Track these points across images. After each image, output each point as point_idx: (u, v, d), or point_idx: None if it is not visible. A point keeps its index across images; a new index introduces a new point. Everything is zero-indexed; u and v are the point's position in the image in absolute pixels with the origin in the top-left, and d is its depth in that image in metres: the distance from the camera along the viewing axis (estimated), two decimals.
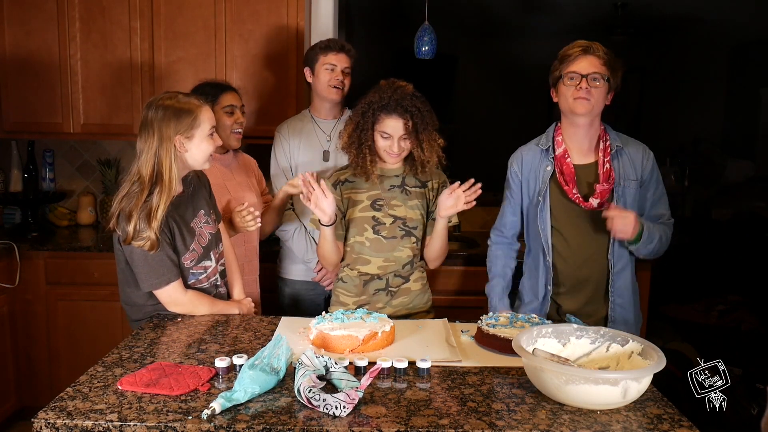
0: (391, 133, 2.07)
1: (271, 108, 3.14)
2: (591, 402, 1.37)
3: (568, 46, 2.05)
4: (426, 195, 2.20)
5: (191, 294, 1.99)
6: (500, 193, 2.33)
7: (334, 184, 2.18)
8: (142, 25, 3.14)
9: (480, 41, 6.86)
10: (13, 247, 2.98)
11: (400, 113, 2.06)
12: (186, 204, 2.03)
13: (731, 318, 4.06)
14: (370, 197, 2.15)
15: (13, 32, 3.15)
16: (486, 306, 2.29)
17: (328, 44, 2.58)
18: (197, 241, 2.03)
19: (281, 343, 1.51)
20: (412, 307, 2.20)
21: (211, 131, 1.98)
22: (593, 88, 1.98)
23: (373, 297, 2.17)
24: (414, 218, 2.16)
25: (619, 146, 2.07)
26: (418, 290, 2.21)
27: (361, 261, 2.16)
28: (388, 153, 2.10)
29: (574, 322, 1.82)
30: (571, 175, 2.06)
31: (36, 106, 3.20)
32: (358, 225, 2.15)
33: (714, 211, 5.39)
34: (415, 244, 2.18)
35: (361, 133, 2.10)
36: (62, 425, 1.30)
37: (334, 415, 1.32)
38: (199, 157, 1.98)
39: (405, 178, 2.18)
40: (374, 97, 2.09)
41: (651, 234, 2.02)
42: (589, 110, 2.00)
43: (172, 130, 1.89)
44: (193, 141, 1.94)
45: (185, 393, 1.42)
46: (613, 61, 2.01)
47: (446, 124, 2.30)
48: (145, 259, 1.90)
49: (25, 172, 3.48)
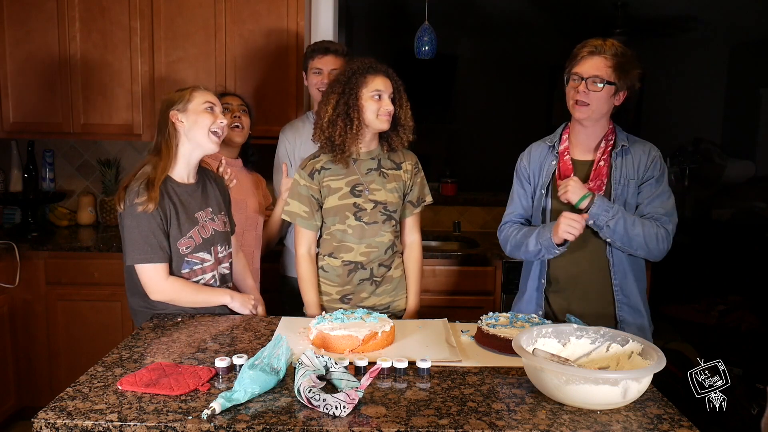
0: (383, 89, 2.07)
1: (272, 108, 3.14)
2: (591, 402, 1.37)
3: (580, 45, 2.02)
4: (402, 177, 2.20)
5: (173, 280, 1.98)
6: (501, 192, 2.33)
7: (310, 174, 2.14)
8: (142, 25, 3.14)
9: (480, 41, 6.85)
10: (13, 247, 2.98)
11: (385, 72, 2.10)
12: (194, 194, 2.06)
13: (731, 318, 4.06)
14: (348, 183, 2.13)
15: (13, 32, 3.15)
16: (486, 306, 2.29)
17: (313, 48, 2.63)
18: (198, 231, 2.03)
19: (281, 343, 1.51)
20: (395, 294, 2.22)
21: (207, 105, 2.03)
22: (592, 91, 1.95)
23: (357, 287, 2.17)
24: (393, 201, 2.16)
25: (624, 145, 2.04)
26: (399, 276, 2.24)
27: (343, 249, 2.15)
28: (380, 114, 2.07)
29: (574, 322, 1.82)
30: (568, 170, 2.06)
31: (36, 106, 3.20)
32: (339, 213, 2.13)
33: (714, 211, 5.39)
34: (394, 227, 2.19)
35: (347, 101, 2.07)
36: (62, 425, 1.30)
37: (334, 415, 1.32)
38: (198, 131, 2.01)
39: (381, 160, 2.17)
40: (352, 66, 2.11)
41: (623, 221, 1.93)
42: (587, 116, 1.99)
43: (169, 110, 2.02)
44: (188, 114, 2.01)
45: (185, 393, 1.42)
46: (624, 63, 1.96)
47: (446, 124, 2.31)
48: (131, 231, 1.93)
49: (25, 172, 3.48)
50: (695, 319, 4.13)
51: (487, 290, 3.09)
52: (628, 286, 2.05)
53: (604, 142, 2.05)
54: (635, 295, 2.06)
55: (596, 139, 2.07)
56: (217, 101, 2.09)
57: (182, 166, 2.05)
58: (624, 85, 1.99)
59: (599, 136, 2.06)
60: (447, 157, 6.30)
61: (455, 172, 4.06)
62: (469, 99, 6.89)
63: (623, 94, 2.01)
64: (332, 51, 2.59)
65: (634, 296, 2.06)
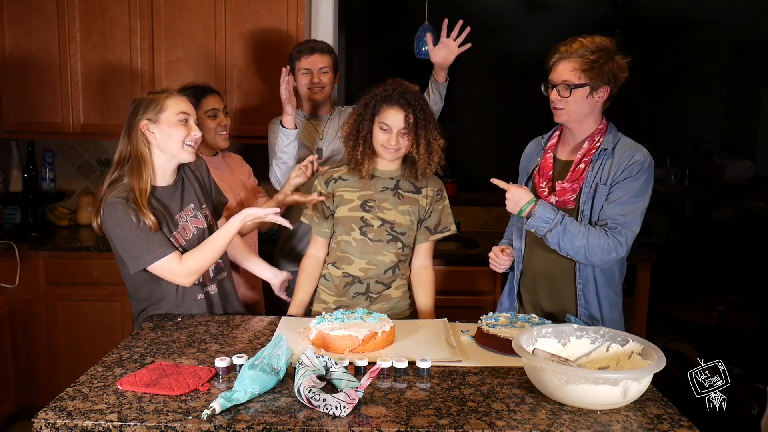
0: (391, 125, 2.04)
1: (271, 108, 3.14)
2: (591, 402, 1.37)
3: (551, 51, 1.99)
4: (419, 202, 2.15)
5: (185, 259, 1.93)
6: (500, 193, 2.33)
7: (326, 182, 2.17)
8: (142, 25, 3.14)
9: (480, 41, 6.85)
10: (13, 247, 2.98)
11: (401, 105, 2.03)
12: (173, 195, 2.02)
13: (731, 318, 4.06)
14: (361, 197, 2.13)
15: (13, 32, 3.15)
16: (486, 306, 2.29)
17: (299, 49, 2.64)
18: (180, 234, 2.00)
19: (281, 343, 1.51)
20: (392, 314, 2.14)
21: (181, 117, 1.95)
22: (563, 97, 1.93)
23: (352, 300, 2.15)
24: (403, 223, 2.13)
25: (606, 149, 1.97)
26: (398, 297, 2.19)
27: (345, 260, 2.15)
28: (385, 147, 2.06)
29: (574, 322, 1.82)
30: (547, 168, 2.05)
31: (36, 106, 3.20)
32: (346, 224, 2.14)
33: (714, 211, 5.40)
34: (400, 250, 2.14)
35: (360, 124, 2.08)
36: (62, 425, 1.30)
37: (334, 415, 1.32)
38: (171, 144, 1.95)
39: (400, 181, 2.15)
40: (378, 89, 2.08)
41: (561, 233, 1.89)
42: (565, 119, 1.99)
43: (137, 117, 1.94)
44: (160, 126, 1.94)
45: (185, 393, 1.42)
46: (595, 60, 1.90)
47: (446, 124, 2.32)
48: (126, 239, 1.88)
49: (25, 172, 3.48)
50: (695, 319, 4.14)
51: (487, 290, 3.09)
52: (590, 292, 2.00)
53: (588, 143, 1.99)
54: (595, 305, 2.00)
55: (582, 139, 2.03)
56: (192, 110, 2.01)
57: (159, 174, 2.00)
58: (600, 81, 1.92)
59: (585, 136, 2.02)
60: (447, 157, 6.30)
61: (455, 172, 4.06)
62: (469, 99, 6.90)
63: (605, 89, 1.94)
64: (318, 50, 2.60)
65: (594, 305, 2.00)
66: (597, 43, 1.93)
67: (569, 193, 1.96)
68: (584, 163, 1.98)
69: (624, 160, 1.94)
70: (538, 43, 2.02)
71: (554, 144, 2.09)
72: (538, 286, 2.08)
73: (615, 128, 2.03)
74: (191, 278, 1.96)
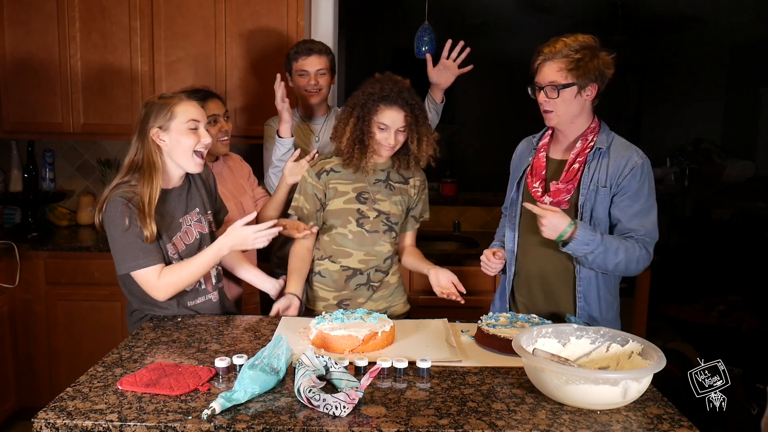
0: (389, 124, 2.06)
1: (271, 108, 3.13)
2: (591, 402, 1.37)
3: (536, 53, 1.97)
4: (408, 191, 2.23)
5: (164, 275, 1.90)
6: (500, 193, 2.33)
7: (318, 174, 2.17)
8: (142, 25, 3.14)
9: (480, 41, 6.85)
10: (13, 247, 2.98)
11: (401, 105, 2.05)
12: (179, 198, 2.02)
13: (731, 318, 4.06)
14: (355, 189, 2.15)
15: (13, 32, 3.15)
16: (486, 306, 2.29)
17: (296, 50, 2.63)
18: (180, 237, 2.00)
19: (281, 343, 1.51)
20: (391, 300, 2.25)
21: (191, 125, 1.94)
22: (551, 99, 1.92)
23: (354, 292, 2.18)
24: (396, 214, 2.19)
25: (601, 148, 1.95)
26: (396, 282, 2.27)
27: (341, 253, 2.16)
28: (383, 145, 2.09)
29: (574, 322, 1.82)
30: (540, 168, 2.04)
31: (36, 106, 3.20)
32: (342, 216, 2.15)
33: (714, 211, 5.39)
34: (394, 239, 2.23)
35: (357, 123, 2.08)
36: (62, 425, 1.30)
37: (334, 415, 1.32)
38: (180, 152, 1.95)
39: (390, 173, 2.20)
40: (374, 88, 2.08)
41: (604, 255, 1.86)
42: (556, 122, 1.98)
43: (149, 124, 1.93)
44: (170, 134, 1.93)
45: (185, 393, 1.42)
46: (581, 59, 1.88)
47: (446, 124, 2.32)
48: (118, 241, 1.88)
49: (25, 172, 3.48)
50: (695, 319, 4.14)
51: (487, 290, 3.08)
52: (590, 294, 1.98)
53: (581, 142, 1.98)
54: (595, 306, 1.99)
55: (574, 138, 2.01)
56: (203, 116, 2.00)
57: (168, 177, 2.00)
58: (587, 80, 1.90)
59: (577, 135, 2.00)
60: (447, 157, 6.30)
61: (455, 172, 4.06)
62: (468, 99, 6.90)
63: (593, 87, 1.93)
64: (316, 51, 2.59)
65: (594, 307, 1.99)
66: (580, 41, 1.92)
67: (564, 193, 1.95)
68: (578, 162, 1.96)
69: (621, 162, 1.92)
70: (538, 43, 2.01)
71: (546, 143, 2.08)
72: (533, 287, 2.07)
73: (607, 127, 2.02)
74: (166, 294, 1.93)
